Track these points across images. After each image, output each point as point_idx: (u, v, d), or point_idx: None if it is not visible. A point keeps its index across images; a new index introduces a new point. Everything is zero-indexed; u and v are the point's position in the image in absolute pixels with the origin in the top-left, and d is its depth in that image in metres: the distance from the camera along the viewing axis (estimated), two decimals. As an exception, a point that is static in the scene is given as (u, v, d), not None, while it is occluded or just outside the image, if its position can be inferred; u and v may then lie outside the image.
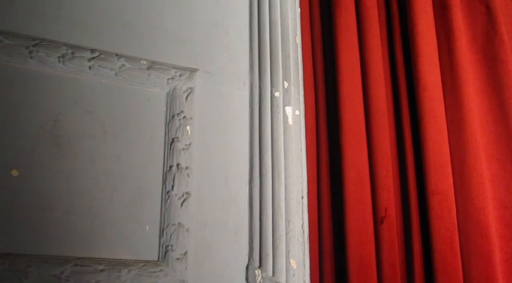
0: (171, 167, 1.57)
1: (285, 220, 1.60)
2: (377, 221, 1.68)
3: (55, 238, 1.39)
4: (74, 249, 1.40)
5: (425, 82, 1.75)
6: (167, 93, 1.64)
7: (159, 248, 1.50)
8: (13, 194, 1.37)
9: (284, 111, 1.71)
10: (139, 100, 1.60)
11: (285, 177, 1.64)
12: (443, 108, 1.75)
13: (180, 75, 1.66)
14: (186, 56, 1.68)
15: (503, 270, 1.59)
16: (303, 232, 1.63)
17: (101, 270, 1.40)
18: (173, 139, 1.59)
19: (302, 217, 1.64)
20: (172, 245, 1.50)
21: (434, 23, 1.86)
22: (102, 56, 1.56)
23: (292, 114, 1.72)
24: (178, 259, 1.49)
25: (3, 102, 1.42)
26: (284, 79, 1.74)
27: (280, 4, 1.82)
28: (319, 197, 1.77)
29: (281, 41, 1.78)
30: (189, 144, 1.60)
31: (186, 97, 1.64)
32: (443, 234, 1.60)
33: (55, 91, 1.49)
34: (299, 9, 1.89)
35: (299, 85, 1.78)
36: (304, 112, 1.78)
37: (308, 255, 1.63)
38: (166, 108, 1.63)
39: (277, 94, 1.72)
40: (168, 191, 1.55)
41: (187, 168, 1.58)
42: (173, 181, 1.55)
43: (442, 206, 1.62)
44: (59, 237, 1.39)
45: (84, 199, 1.45)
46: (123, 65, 1.59)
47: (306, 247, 1.63)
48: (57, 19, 1.53)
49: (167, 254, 1.49)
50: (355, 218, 1.66)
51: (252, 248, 1.59)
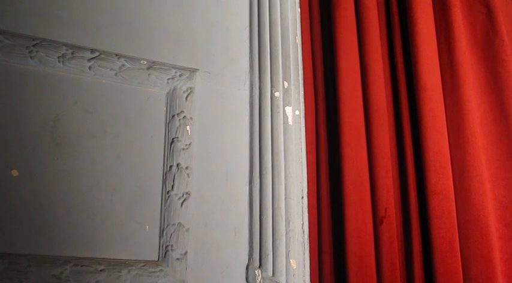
0: (171, 167, 1.57)
1: (285, 220, 1.60)
2: (377, 221, 1.68)
3: (55, 238, 1.39)
4: (74, 249, 1.40)
5: (425, 82, 1.75)
6: (167, 93, 1.64)
7: (159, 248, 1.50)
8: (13, 194, 1.37)
9: (284, 111, 1.71)
10: (139, 100, 1.60)
11: (285, 177, 1.64)
12: (443, 108, 1.76)
13: (180, 75, 1.66)
14: (186, 56, 1.68)
15: (503, 270, 1.59)
16: (303, 232, 1.63)
17: (101, 270, 1.40)
18: (173, 139, 1.59)
19: (302, 217, 1.64)
20: (172, 245, 1.50)
21: (434, 23, 1.87)
22: (102, 56, 1.56)
23: (292, 114, 1.72)
24: (178, 259, 1.49)
25: (3, 102, 1.42)
26: (284, 79, 1.74)
27: (280, 4, 1.82)
28: (318, 197, 1.77)
29: (281, 41, 1.78)
30: (189, 144, 1.60)
31: (186, 97, 1.64)
32: (443, 234, 1.60)
33: (55, 91, 1.49)
34: (299, 9, 1.89)
35: (299, 85, 1.78)
36: (304, 112, 1.78)
37: (308, 255, 1.63)
38: (166, 108, 1.63)
39: (277, 94, 1.72)
40: (168, 191, 1.55)
41: (187, 168, 1.58)
42: (173, 181, 1.55)
43: (442, 206, 1.62)
44: (59, 237, 1.39)
45: (84, 199, 1.44)
46: (123, 65, 1.59)
47: (306, 247, 1.63)
48: (57, 19, 1.53)
49: (167, 254, 1.49)
50: (354, 218, 1.66)
51: (252, 248, 1.59)
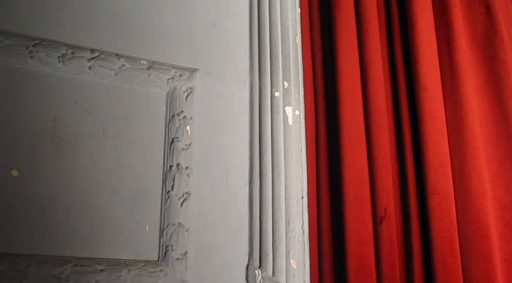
0: (171, 167, 1.57)
1: (285, 220, 1.60)
2: (376, 221, 1.68)
3: (55, 238, 1.39)
4: (74, 249, 1.40)
5: (425, 82, 1.75)
6: (167, 93, 1.64)
7: (159, 248, 1.50)
8: (13, 194, 1.37)
9: (284, 111, 1.71)
10: (139, 100, 1.60)
11: (285, 177, 1.64)
12: (443, 108, 1.75)
13: (180, 75, 1.66)
14: (186, 56, 1.68)
15: (503, 270, 1.59)
16: (303, 232, 1.63)
17: (101, 270, 1.40)
18: (173, 139, 1.59)
19: (302, 217, 1.64)
20: (172, 245, 1.50)
21: (434, 23, 1.86)
22: (102, 56, 1.56)
23: (292, 114, 1.72)
24: (178, 259, 1.49)
25: (3, 102, 1.42)
26: (284, 79, 1.74)
27: (280, 4, 1.82)
28: (318, 197, 1.77)
29: (281, 41, 1.78)
30: (189, 144, 1.60)
31: (186, 97, 1.64)
32: (442, 234, 1.60)
33: (55, 91, 1.49)
34: (299, 9, 1.89)
35: (299, 85, 1.78)
36: (304, 112, 1.78)
37: (308, 255, 1.63)
38: (166, 108, 1.63)
39: (277, 94, 1.72)
40: (168, 191, 1.55)
41: (187, 168, 1.58)
42: (173, 181, 1.56)
43: (442, 206, 1.62)
44: (59, 237, 1.39)
45: (84, 199, 1.45)
46: (123, 65, 1.59)
47: (306, 247, 1.63)
48: (57, 19, 1.53)
49: (167, 254, 1.49)
50: (354, 218, 1.66)
51: (252, 248, 1.59)
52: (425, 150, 1.69)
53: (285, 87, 1.74)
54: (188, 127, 1.62)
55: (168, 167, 1.57)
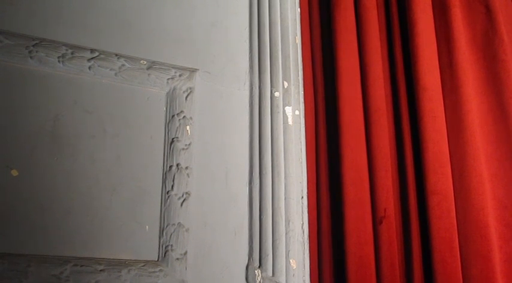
0: (171, 167, 1.57)
1: (285, 220, 1.60)
2: (376, 221, 1.68)
3: (55, 238, 1.39)
4: (74, 249, 1.40)
5: (424, 82, 1.75)
6: (167, 93, 1.64)
7: (159, 248, 1.50)
8: (13, 194, 1.37)
9: (284, 111, 1.71)
10: (139, 100, 1.60)
11: (285, 177, 1.64)
12: (442, 108, 1.76)
13: (180, 75, 1.66)
14: (186, 56, 1.68)
15: (502, 270, 1.59)
16: (303, 232, 1.63)
17: (101, 270, 1.40)
18: (173, 139, 1.59)
19: (302, 217, 1.64)
20: (172, 245, 1.50)
21: (433, 24, 1.86)
22: (102, 56, 1.56)
23: (292, 114, 1.72)
24: (178, 259, 1.49)
25: (3, 102, 1.42)
26: (284, 79, 1.74)
27: (280, 4, 1.82)
28: (318, 197, 1.77)
29: (281, 41, 1.78)
30: (189, 144, 1.60)
31: (186, 97, 1.64)
32: (442, 234, 1.60)
33: (55, 91, 1.49)
34: (299, 9, 1.89)
35: (299, 85, 1.78)
36: (304, 112, 1.78)
37: (308, 255, 1.63)
38: (166, 108, 1.63)
39: (277, 94, 1.72)
40: (168, 191, 1.55)
41: (187, 168, 1.58)
42: (173, 181, 1.56)
43: (442, 206, 1.62)
44: (59, 237, 1.39)
45: (84, 199, 1.45)
46: (123, 65, 1.59)
47: (306, 247, 1.63)
48: (57, 19, 1.53)
49: (167, 254, 1.49)
50: (354, 218, 1.66)
51: (252, 248, 1.59)
52: (425, 150, 1.69)
53: (285, 87, 1.74)
54: (188, 127, 1.62)
55: (168, 167, 1.57)
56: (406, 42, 1.87)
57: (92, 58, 1.55)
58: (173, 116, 1.61)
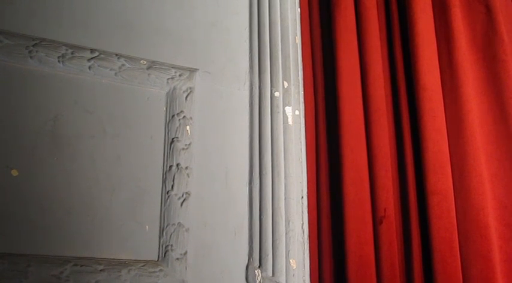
0: (171, 167, 1.57)
1: (285, 220, 1.60)
2: (376, 221, 1.68)
3: (55, 238, 1.39)
4: (74, 249, 1.40)
5: (424, 82, 1.75)
6: (167, 93, 1.64)
7: (159, 248, 1.50)
8: (13, 194, 1.37)
9: (284, 111, 1.71)
10: (139, 100, 1.60)
11: (285, 177, 1.64)
12: (442, 108, 1.76)
13: (180, 75, 1.66)
14: (186, 56, 1.68)
15: (502, 270, 1.59)
16: (303, 232, 1.63)
17: (101, 270, 1.40)
18: (173, 139, 1.59)
19: (302, 217, 1.64)
20: (172, 245, 1.50)
21: (433, 23, 1.87)
22: (102, 56, 1.56)
23: (292, 114, 1.72)
24: (178, 259, 1.49)
25: (3, 102, 1.42)
26: (284, 79, 1.74)
27: (280, 4, 1.82)
28: (318, 197, 1.77)
29: (281, 41, 1.78)
30: (189, 144, 1.60)
31: (186, 97, 1.64)
32: (442, 234, 1.60)
33: (55, 91, 1.49)
34: (299, 9, 1.89)
35: (299, 85, 1.78)
36: (304, 112, 1.78)
37: (308, 255, 1.63)
38: (166, 108, 1.63)
39: (277, 94, 1.72)
40: (168, 191, 1.55)
41: (187, 168, 1.58)
42: (173, 181, 1.56)
43: (442, 206, 1.62)
44: (59, 237, 1.39)
45: (84, 199, 1.45)
46: (123, 65, 1.59)
47: (306, 247, 1.63)
48: (57, 19, 1.53)
49: (167, 254, 1.49)
50: (354, 218, 1.66)
51: (252, 248, 1.59)
52: (425, 150, 1.69)
53: (285, 87, 1.74)
54: (188, 127, 1.62)
55: (168, 167, 1.57)
56: (406, 41, 1.87)
57: (92, 58, 1.55)
58: (173, 116, 1.61)
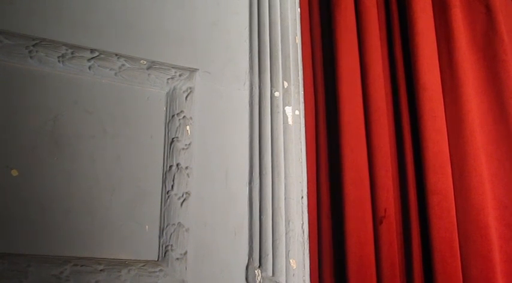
0: (171, 167, 1.57)
1: (285, 220, 1.60)
2: (376, 221, 1.68)
3: (55, 238, 1.39)
4: (74, 249, 1.40)
5: (424, 82, 1.75)
6: (167, 93, 1.64)
7: (159, 248, 1.50)
8: (13, 194, 1.37)
9: (284, 111, 1.71)
10: (139, 100, 1.60)
11: (285, 177, 1.64)
12: (442, 108, 1.76)
13: (180, 75, 1.66)
14: (186, 56, 1.68)
15: (502, 270, 1.59)
16: (303, 232, 1.63)
17: (101, 270, 1.40)
18: (173, 139, 1.59)
19: (302, 217, 1.64)
20: (172, 245, 1.50)
21: (433, 23, 1.86)
22: (102, 56, 1.56)
23: (292, 114, 1.72)
24: (178, 259, 1.49)
25: (3, 102, 1.42)
26: (284, 79, 1.74)
27: (280, 4, 1.82)
28: (318, 197, 1.77)
29: (281, 41, 1.78)
30: (189, 144, 1.60)
31: (186, 97, 1.64)
32: (442, 234, 1.60)
33: (55, 91, 1.49)
34: (299, 9, 1.89)
35: (299, 85, 1.78)
36: (304, 112, 1.78)
37: (308, 255, 1.63)
38: (166, 108, 1.63)
39: (277, 94, 1.72)
40: (168, 191, 1.55)
41: (187, 168, 1.58)
42: (173, 181, 1.56)
43: (442, 206, 1.62)
44: (59, 237, 1.39)
45: (84, 199, 1.45)
46: (123, 65, 1.59)
47: (306, 247, 1.63)
48: (57, 19, 1.53)
49: (167, 254, 1.49)
50: (354, 218, 1.66)
51: (252, 248, 1.59)
52: (425, 150, 1.69)
53: (285, 87, 1.74)
54: (188, 127, 1.62)
55: (168, 167, 1.57)
56: (406, 41, 1.87)
57: (92, 58, 1.55)
58: (173, 116, 1.61)
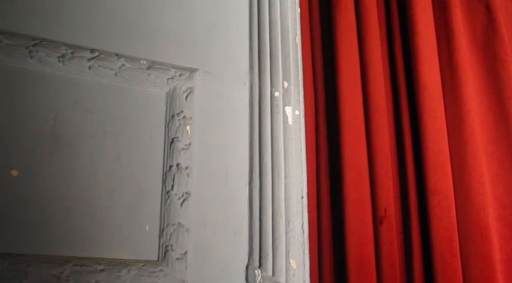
0: (171, 167, 1.57)
1: (285, 220, 1.60)
2: (376, 221, 1.68)
3: (55, 238, 1.39)
4: (74, 249, 1.40)
5: (424, 82, 1.75)
6: (167, 93, 1.64)
7: (159, 248, 1.50)
8: (13, 194, 1.37)
9: (284, 111, 1.71)
10: (139, 100, 1.60)
11: (285, 177, 1.64)
12: (442, 108, 1.76)
13: (180, 75, 1.66)
14: (186, 56, 1.68)
15: (503, 270, 1.59)
16: (303, 232, 1.63)
17: (101, 270, 1.40)
18: (173, 139, 1.59)
19: (302, 217, 1.64)
20: (172, 245, 1.50)
21: (434, 23, 1.86)
22: (102, 56, 1.56)
23: (292, 114, 1.72)
24: (178, 259, 1.49)
25: (3, 102, 1.42)
26: (284, 79, 1.74)
27: (280, 4, 1.82)
28: (318, 197, 1.77)
29: (281, 41, 1.78)
30: (189, 144, 1.60)
31: (186, 97, 1.64)
32: (442, 234, 1.60)
33: (55, 91, 1.49)
34: (299, 9, 1.89)
35: (299, 85, 1.78)
36: (304, 112, 1.78)
37: (308, 255, 1.63)
38: (166, 108, 1.63)
39: (277, 94, 1.72)
40: (168, 191, 1.55)
41: (187, 168, 1.58)
42: (173, 181, 1.56)
43: (442, 206, 1.62)
44: (59, 237, 1.39)
45: (84, 199, 1.45)
46: (123, 65, 1.59)
47: (306, 247, 1.63)
48: (57, 19, 1.53)
49: (167, 254, 1.49)
50: (354, 218, 1.66)
51: (252, 248, 1.59)
52: (425, 150, 1.69)
53: (285, 87, 1.74)
54: (188, 127, 1.62)
55: (168, 167, 1.57)
56: (406, 41, 1.87)
57: (92, 58, 1.55)
58: (173, 116, 1.61)
